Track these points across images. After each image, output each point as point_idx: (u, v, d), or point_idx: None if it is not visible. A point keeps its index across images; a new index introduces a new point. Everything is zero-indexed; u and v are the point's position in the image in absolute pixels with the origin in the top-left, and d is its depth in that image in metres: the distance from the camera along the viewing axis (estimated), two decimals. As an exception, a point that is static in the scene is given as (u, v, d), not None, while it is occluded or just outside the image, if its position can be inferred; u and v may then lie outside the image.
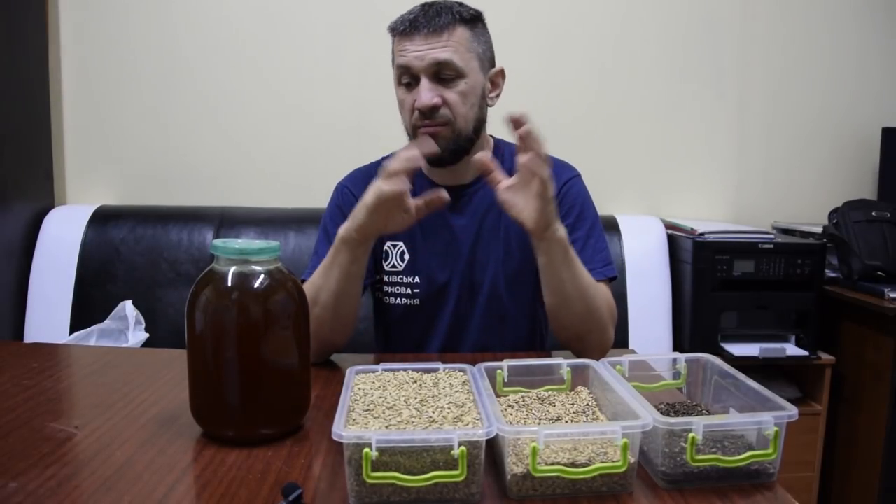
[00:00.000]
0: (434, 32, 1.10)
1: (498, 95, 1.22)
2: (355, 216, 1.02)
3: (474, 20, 1.16)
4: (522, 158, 0.96)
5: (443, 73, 1.12)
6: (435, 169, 1.22)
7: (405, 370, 0.89)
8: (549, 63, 2.20)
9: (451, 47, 1.11)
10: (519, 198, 0.99)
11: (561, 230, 1.02)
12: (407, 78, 1.14)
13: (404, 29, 1.12)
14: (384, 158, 1.29)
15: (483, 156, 1.02)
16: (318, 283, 1.08)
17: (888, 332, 1.82)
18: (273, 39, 2.15)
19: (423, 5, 1.14)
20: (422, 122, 1.13)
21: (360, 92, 2.13)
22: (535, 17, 2.19)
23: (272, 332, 0.81)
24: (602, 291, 1.12)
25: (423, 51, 1.10)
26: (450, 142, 1.15)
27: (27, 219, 1.98)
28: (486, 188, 1.23)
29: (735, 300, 1.94)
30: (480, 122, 1.19)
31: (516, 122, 0.94)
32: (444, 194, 1.03)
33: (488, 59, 1.19)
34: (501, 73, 1.22)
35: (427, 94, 1.11)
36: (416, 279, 1.22)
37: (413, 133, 1.16)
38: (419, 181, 1.25)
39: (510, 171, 1.24)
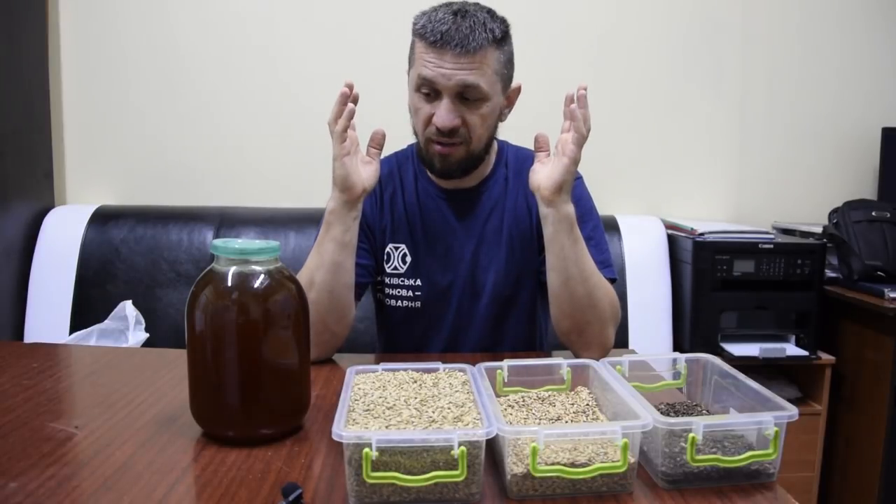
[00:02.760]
0: (465, 53, 1.06)
1: (510, 111, 1.21)
2: (333, 185, 1.07)
3: (504, 38, 1.12)
4: (565, 137, 1.02)
5: (466, 94, 1.09)
6: None
7: (405, 370, 0.89)
8: (549, 63, 2.20)
9: (479, 70, 1.08)
10: (545, 167, 1.05)
11: (570, 207, 1.05)
12: (427, 89, 1.11)
13: (434, 41, 1.07)
14: (388, 157, 1.29)
15: (545, 136, 1.08)
16: (311, 265, 1.08)
17: (888, 332, 1.82)
18: (273, 39, 2.15)
19: (455, 13, 1.09)
20: (437, 138, 1.12)
21: (360, 91, 2.12)
22: (535, 16, 2.19)
23: (272, 332, 0.81)
24: (605, 287, 1.11)
25: (450, 70, 1.07)
26: (462, 161, 1.15)
27: (27, 219, 1.98)
28: (489, 191, 1.24)
29: (735, 300, 1.94)
30: (492, 139, 1.20)
31: (573, 100, 1.01)
32: (379, 129, 1.10)
33: (509, 78, 1.17)
34: (518, 90, 1.20)
35: (448, 115, 1.09)
36: (418, 282, 1.22)
37: (425, 143, 1.15)
38: (424, 185, 1.25)
39: (512, 174, 1.25)
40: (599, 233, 1.21)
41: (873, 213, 1.98)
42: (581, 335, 1.10)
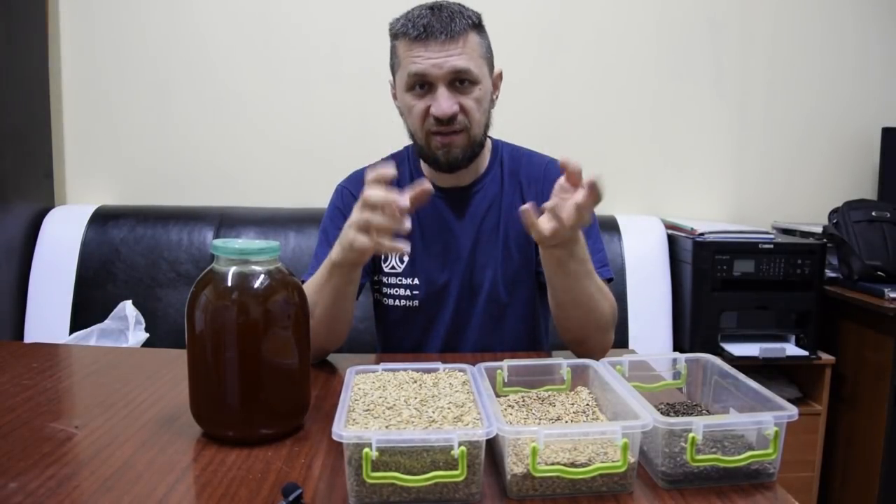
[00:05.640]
0: (451, 39, 1.08)
1: (497, 96, 1.22)
2: (344, 247, 0.96)
3: (481, 24, 1.15)
4: (569, 215, 0.89)
5: (460, 79, 1.11)
6: (436, 172, 1.22)
7: (405, 370, 0.89)
8: (549, 63, 2.20)
9: (466, 54, 1.10)
10: (542, 219, 0.93)
11: (573, 253, 0.98)
12: (419, 85, 1.12)
13: (418, 34, 1.09)
14: (385, 159, 1.29)
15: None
16: (313, 298, 1.05)
17: (888, 332, 1.82)
18: (273, 39, 2.15)
19: (431, 7, 1.12)
20: (437, 128, 1.12)
21: (360, 92, 2.12)
22: (535, 16, 2.19)
23: (272, 332, 0.81)
24: (604, 298, 1.10)
25: (440, 58, 1.09)
26: (466, 149, 1.15)
27: (27, 219, 1.98)
28: (485, 189, 1.24)
29: (735, 300, 1.94)
30: (488, 126, 1.20)
31: (586, 185, 0.88)
32: (428, 185, 0.92)
33: (492, 64, 1.19)
34: (500, 75, 1.22)
35: (447, 102, 1.10)
36: (416, 281, 1.22)
37: (426, 140, 1.15)
38: (419, 183, 1.24)
39: (508, 173, 1.25)
40: (595, 232, 1.21)
41: (873, 213, 1.98)
42: (582, 345, 1.11)
